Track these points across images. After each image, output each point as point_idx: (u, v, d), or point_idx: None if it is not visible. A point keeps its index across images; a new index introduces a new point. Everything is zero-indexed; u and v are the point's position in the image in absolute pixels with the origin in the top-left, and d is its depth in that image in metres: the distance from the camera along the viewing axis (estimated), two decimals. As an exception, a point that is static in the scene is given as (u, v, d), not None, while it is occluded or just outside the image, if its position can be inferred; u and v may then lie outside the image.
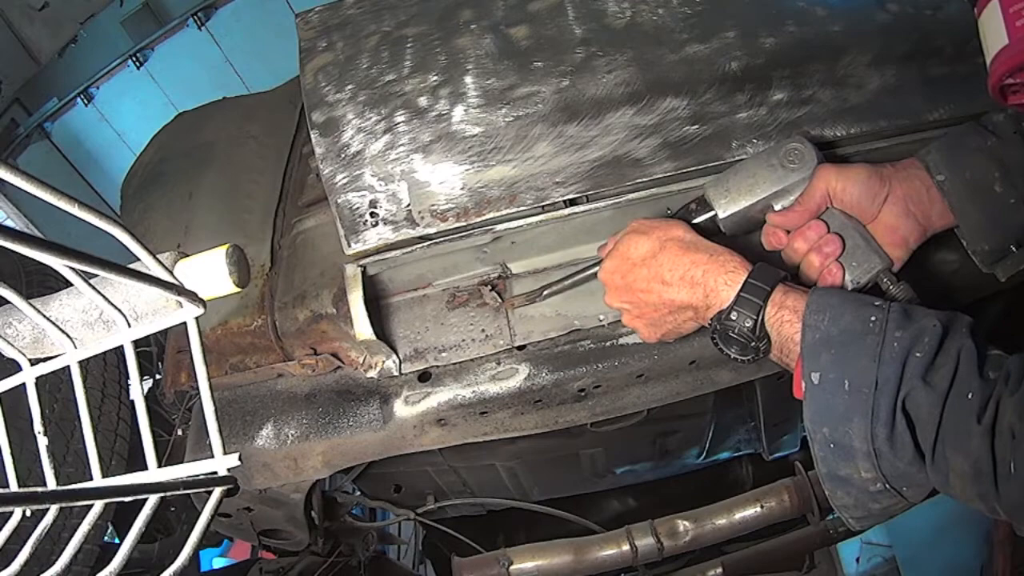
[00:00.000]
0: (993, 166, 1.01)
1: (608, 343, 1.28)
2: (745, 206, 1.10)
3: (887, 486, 0.85)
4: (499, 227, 1.18)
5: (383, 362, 1.30)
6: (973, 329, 0.83)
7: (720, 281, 0.99)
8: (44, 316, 0.73)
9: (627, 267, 1.07)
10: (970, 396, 0.78)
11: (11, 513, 0.72)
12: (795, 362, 0.92)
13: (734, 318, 0.96)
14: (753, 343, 0.96)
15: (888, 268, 1.03)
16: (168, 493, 0.63)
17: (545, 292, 1.24)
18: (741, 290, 0.96)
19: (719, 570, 2.01)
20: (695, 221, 1.12)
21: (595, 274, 1.15)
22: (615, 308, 1.14)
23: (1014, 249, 1.04)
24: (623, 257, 1.08)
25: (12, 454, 0.77)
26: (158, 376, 1.99)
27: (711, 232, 1.11)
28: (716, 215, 1.11)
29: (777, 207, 1.10)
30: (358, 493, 2.02)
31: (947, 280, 1.23)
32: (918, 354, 0.81)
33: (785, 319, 0.94)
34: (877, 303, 0.87)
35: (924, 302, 0.98)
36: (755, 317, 0.94)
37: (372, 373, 1.30)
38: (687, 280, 1.01)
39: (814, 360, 0.87)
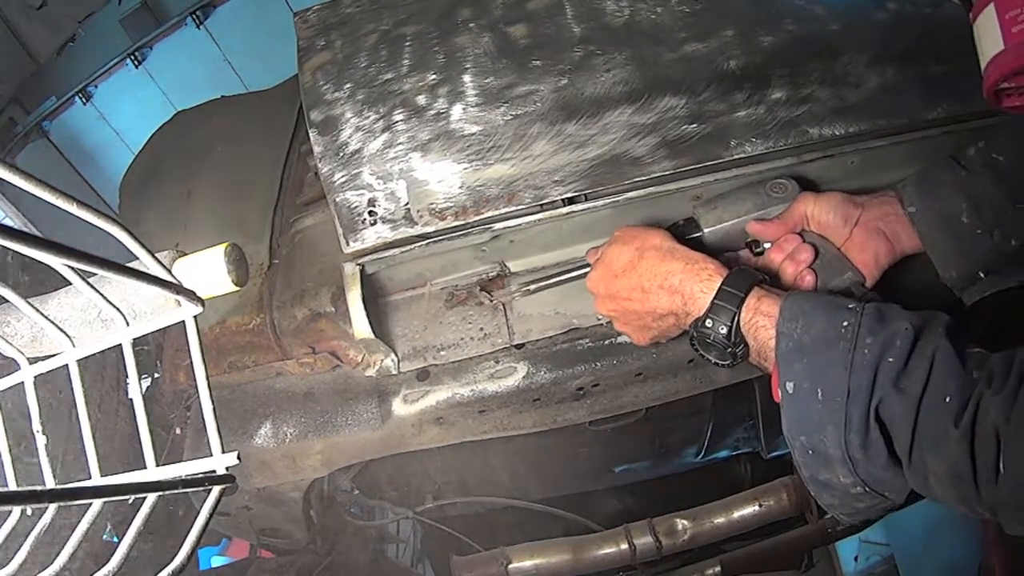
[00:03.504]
0: (961, 198, 1.04)
1: (606, 341, 1.28)
2: (728, 224, 1.15)
3: (867, 489, 0.85)
4: (498, 226, 1.18)
5: (381, 361, 1.30)
6: (950, 329, 0.82)
7: (696, 288, 1.00)
8: (43, 315, 0.73)
9: (609, 277, 1.09)
10: (947, 399, 0.77)
11: (10, 512, 0.72)
12: (772, 366, 0.92)
13: (709, 325, 0.97)
14: (730, 349, 0.97)
15: (860, 283, 1.07)
16: (167, 492, 0.63)
17: (532, 287, 1.25)
18: (715, 297, 0.97)
19: (717, 569, 2.01)
20: (684, 238, 1.13)
21: (584, 274, 1.17)
22: (604, 316, 1.17)
23: (982, 276, 1.06)
24: (606, 267, 1.10)
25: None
26: (156, 375, 1.98)
27: (695, 249, 1.12)
28: (703, 234, 1.15)
29: None
30: (356, 492, 2.02)
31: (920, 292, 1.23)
32: (890, 359, 0.80)
33: (760, 324, 0.94)
34: (851, 305, 0.87)
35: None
36: (729, 324, 0.95)
37: (371, 372, 1.30)
38: (666, 288, 1.03)
39: (788, 369, 0.88)
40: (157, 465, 0.69)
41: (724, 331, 0.96)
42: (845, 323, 0.84)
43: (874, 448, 0.81)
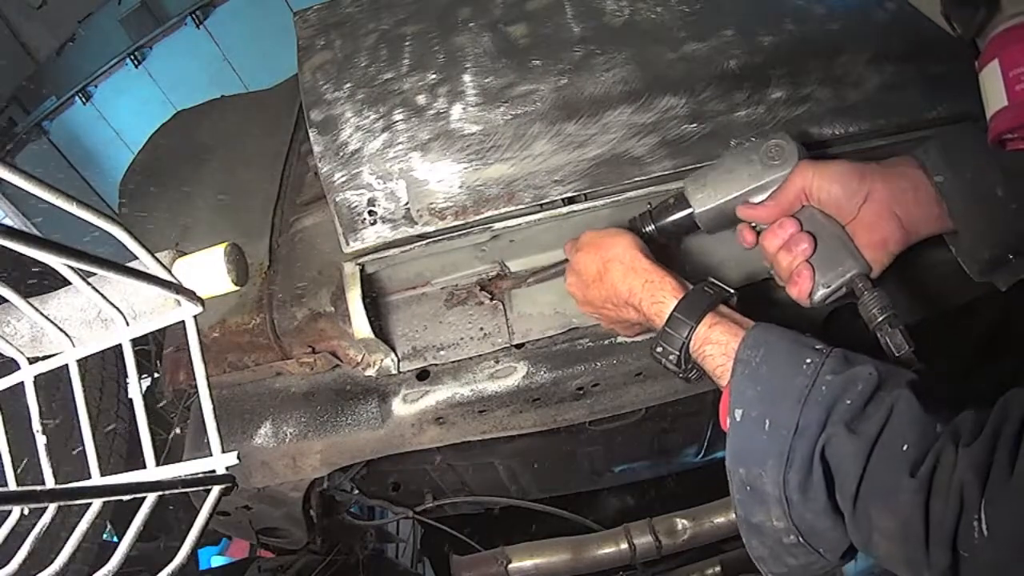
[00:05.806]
0: (994, 168, 0.94)
1: (606, 341, 1.28)
2: (720, 203, 1.05)
3: (800, 539, 0.81)
4: (498, 225, 1.18)
5: (381, 360, 1.30)
6: (915, 382, 0.77)
7: (653, 311, 0.99)
8: (42, 314, 0.73)
9: (583, 286, 1.10)
10: (905, 448, 0.71)
11: (10, 512, 0.72)
12: (724, 392, 0.89)
13: (659, 351, 0.96)
14: (682, 373, 0.96)
15: (864, 273, 0.96)
16: (166, 491, 0.63)
17: (531, 280, 1.27)
18: (666, 323, 0.95)
19: (717, 568, 2.01)
20: (672, 218, 1.10)
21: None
22: (589, 316, 1.17)
23: (1012, 258, 0.98)
24: (577, 276, 1.11)
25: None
26: (156, 375, 1.98)
27: (688, 229, 1.10)
28: (693, 211, 1.07)
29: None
30: (356, 491, 2.02)
31: (930, 287, 1.21)
32: (848, 400, 0.75)
33: (707, 353, 0.91)
34: (818, 346, 0.82)
35: (902, 310, 0.93)
36: (678, 352, 0.94)
37: (370, 371, 1.30)
38: (630, 304, 1.03)
39: (739, 396, 0.84)
40: (157, 465, 0.69)
41: (673, 358, 0.94)
42: (808, 360, 0.80)
43: (814, 491, 0.77)
